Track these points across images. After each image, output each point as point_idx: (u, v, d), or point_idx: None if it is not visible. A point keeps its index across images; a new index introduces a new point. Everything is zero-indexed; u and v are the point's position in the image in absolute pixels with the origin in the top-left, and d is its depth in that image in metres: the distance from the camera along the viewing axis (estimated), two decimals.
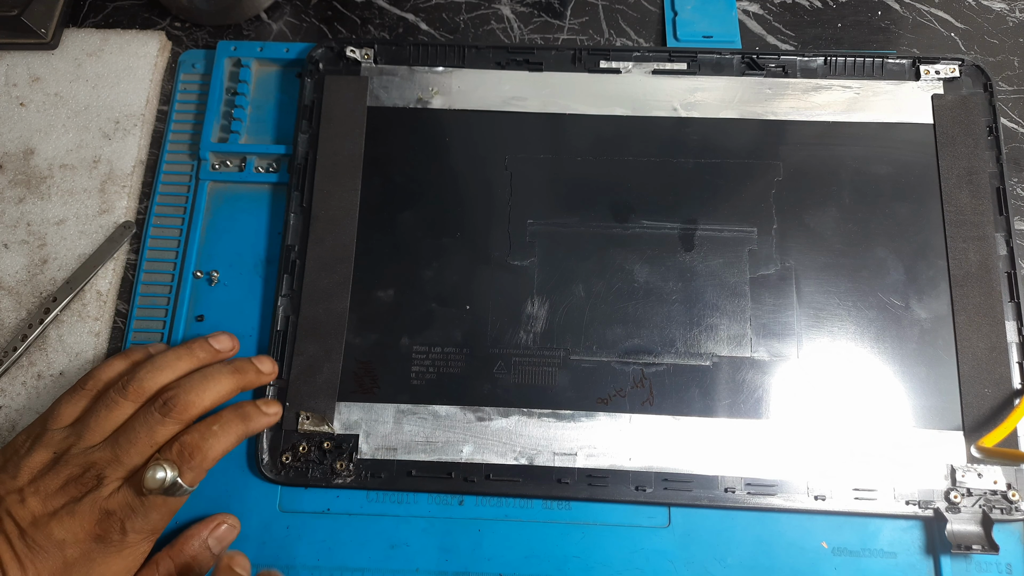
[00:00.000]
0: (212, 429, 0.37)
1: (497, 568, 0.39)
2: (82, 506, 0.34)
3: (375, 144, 0.45)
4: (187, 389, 0.37)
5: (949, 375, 0.41)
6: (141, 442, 0.35)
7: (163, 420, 0.36)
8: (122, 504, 0.34)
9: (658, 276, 0.43)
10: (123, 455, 0.35)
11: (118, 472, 0.35)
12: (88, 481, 0.34)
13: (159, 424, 0.36)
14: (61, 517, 0.33)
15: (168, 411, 0.36)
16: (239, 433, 0.38)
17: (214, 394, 0.37)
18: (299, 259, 0.43)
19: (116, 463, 0.35)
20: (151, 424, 0.36)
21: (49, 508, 0.34)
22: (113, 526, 0.34)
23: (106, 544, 0.34)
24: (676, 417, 0.40)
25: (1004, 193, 0.44)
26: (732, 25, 0.50)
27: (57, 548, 0.33)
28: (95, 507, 0.34)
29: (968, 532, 0.38)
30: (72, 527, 0.33)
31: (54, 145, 0.48)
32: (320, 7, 0.52)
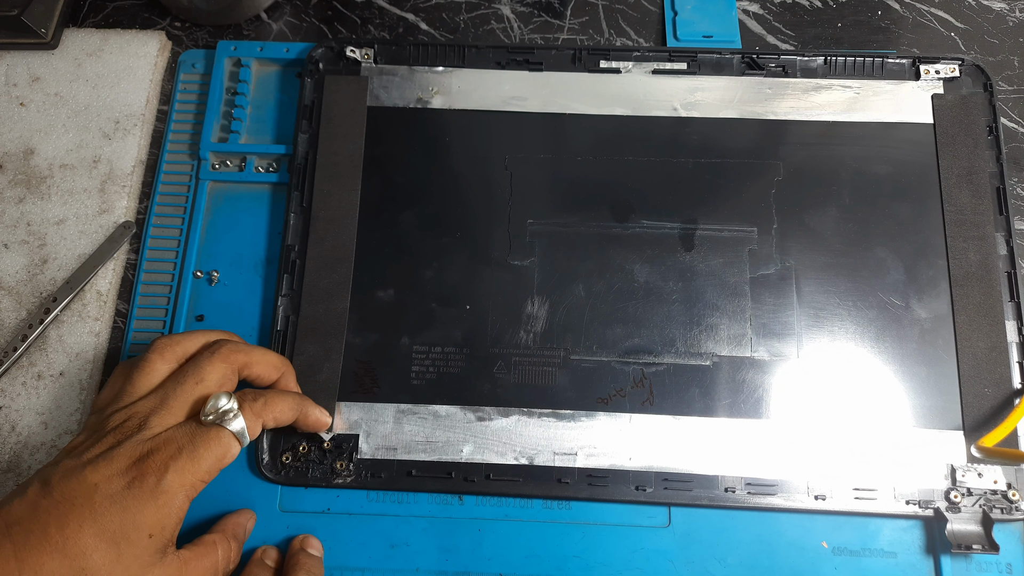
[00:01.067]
0: (275, 391, 0.37)
1: (497, 568, 0.39)
2: (121, 449, 0.31)
3: (375, 144, 0.45)
4: (233, 341, 0.36)
5: (949, 375, 0.41)
6: (188, 380, 0.33)
7: (211, 358, 0.34)
8: (167, 440, 0.31)
9: (658, 276, 0.43)
10: (169, 395, 0.33)
11: (164, 418, 0.32)
12: (129, 428, 0.32)
13: (207, 362, 0.34)
14: (97, 463, 0.30)
15: (215, 351, 0.35)
16: (296, 409, 0.37)
17: (260, 353, 0.37)
18: (299, 259, 0.43)
19: (162, 408, 0.33)
20: (199, 362, 0.34)
21: (84, 459, 0.31)
22: (151, 466, 0.30)
23: (140, 486, 0.30)
24: (676, 417, 0.40)
25: (1004, 193, 0.44)
26: (732, 25, 0.50)
27: (85, 497, 0.30)
28: (135, 449, 0.31)
29: (968, 532, 0.38)
30: (106, 470, 0.30)
31: (54, 145, 0.48)
32: (320, 7, 0.52)
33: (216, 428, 0.32)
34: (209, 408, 0.33)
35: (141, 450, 0.31)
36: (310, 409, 0.38)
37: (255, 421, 0.34)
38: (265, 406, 0.35)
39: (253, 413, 0.34)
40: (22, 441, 0.42)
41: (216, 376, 0.34)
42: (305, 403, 0.38)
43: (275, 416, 0.35)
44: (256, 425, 0.34)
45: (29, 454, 0.41)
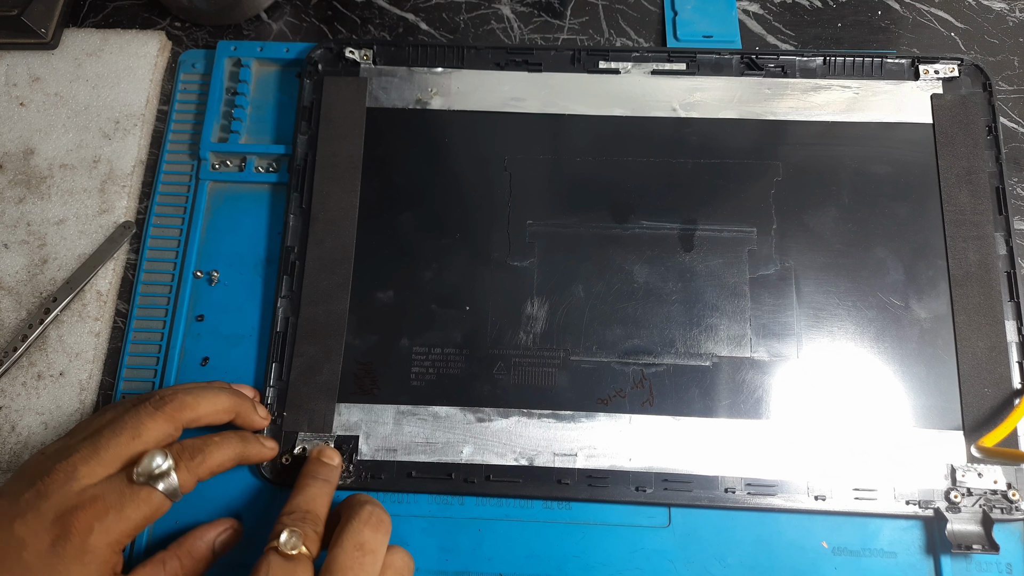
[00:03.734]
0: (213, 439, 0.35)
1: (497, 568, 0.39)
2: (48, 503, 0.30)
3: (374, 145, 0.45)
4: (186, 390, 0.35)
5: (949, 375, 0.41)
6: (125, 432, 0.32)
7: (153, 413, 0.33)
8: (94, 499, 0.30)
9: (658, 276, 0.43)
10: (101, 446, 0.32)
11: (93, 469, 0.31)
12: (58, 477, 0.31)
13: (148, 417, 0.33)
14: (25, 516, 0.30)
15: (162, 405, 0.34)
16: (237, 452, 0.36)
17: (210, 405, 0.36)
18: (299, 260, 0.43)
19: (92, 459, 0.32)
20: (140, 415, 0.33)
21: (16, 508, 0.30)
22: (77, 525, 0.30)
23: (63, 547, 0.30)
24: (676, 417, 0.40)
25: (1004, 193, 0.44)
26: (732, 25, 0.50)
27: (16, 550, 0.29)
28: (60, 503, 0.30)
29: (968, 532, 0.38)
30: (33, 523, 0.30)
31: (54, 145, 0.48)
32: (320, 7, 0.52)
33: (147, 489, 0.32)
34: (142, 469, 0.32)
35: (66, 504, 0.30)
36: (251, 450, 0.37)
37: (190, 479, 0.33)
38: (203, 462, 0.34)
39: (188, 471, 0.33)
40: (22, 441, 0.42)
41: (155, 435, 0.33)
42: (247, 444, 0.37)
43: (212, 468, 0.35)
44: (191, 481, 0.33)
45: (29, 454, 0.41)
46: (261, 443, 0.39)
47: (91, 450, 0.32)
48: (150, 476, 0.32)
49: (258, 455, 0.38)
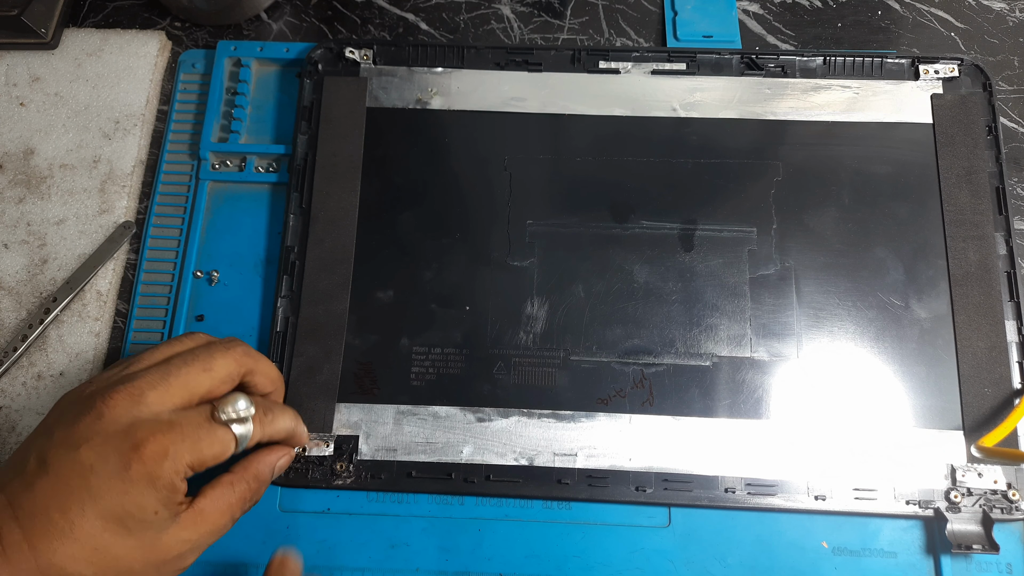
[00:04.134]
0: (282, 406, 0.37)
1: (497, 568, 0.39)
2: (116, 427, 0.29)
3: (374, 145, 0.45)
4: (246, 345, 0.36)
5: (949, 375, 0.41)
6: (198, 364, 0.32)
7: (224, 351, 0.33)
8: (172, 426, 0.30)
9: (658, 276, 0.43)
10: (172, 376, 0.31)
11: (162, 397, 0.31)
12: (121, 399, 0.30)
13: (220, 354, 0.33)
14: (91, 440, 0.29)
15: (232, 346, 0.34)
16: (293, 425, 0.37)
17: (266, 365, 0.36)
18: (299, 260, 0.43)
19: (161, 385, 0.31)
20: (212, 351, 0.33)
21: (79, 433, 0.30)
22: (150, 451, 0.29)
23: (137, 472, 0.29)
24: (676, 417, 0.40)
25: (1004, 193, 0.44)
26: (732, 25, 0.50)
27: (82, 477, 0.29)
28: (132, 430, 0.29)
29: (968, 532, 0.38)
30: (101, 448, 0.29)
31: (54, 145, 0.48)
32: (320, 7, 0.52)
33: (224, 428, 0.32)
34: (229, 408, 0.32)
35: (139, 428, 0.29)
36: (300, 429, 0.38)
37: (259, 432, 0.34)
38: (273, 422, 0.35)
39: (261, 424, 0.34)
40: (22, 441, 0.42)
41: (224, 371, 0.33)
42: (299, 423, 0.38)
43: (277, 430, 0.35)
44: (260, 435, 0.34)
45: None
46: (306, 430, 0.39)
47: (160, 376, 0.31)
48: (235, 418, 0.32)
49: (301, 438, 0.38)
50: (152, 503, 0.29)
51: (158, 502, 0.30)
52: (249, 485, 0.34)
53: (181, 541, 0.31)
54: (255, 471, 0.35)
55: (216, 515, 0.32)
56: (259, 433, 0.34)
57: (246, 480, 0.34)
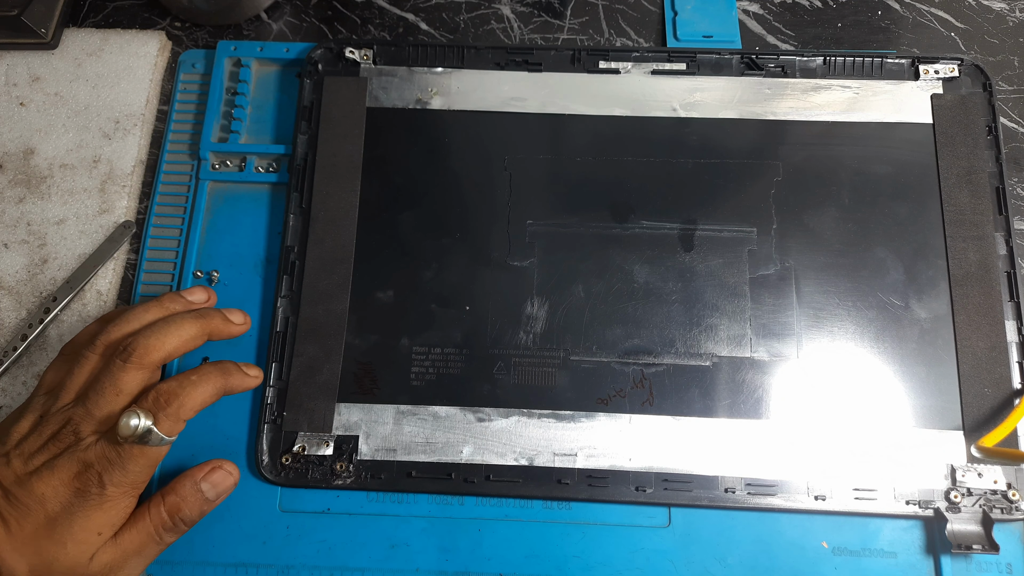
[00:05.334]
0: (191, 379, 0.36)
1: (497, 568, 0.39)
2: (61, 461, 0.33)
3: (374, 145, 0.45)
4: (147, 334, 0.36)
5: (949, 375, 0.41)
6: (107, 392, 0.35)
7: (124, 366, 0.35)
8: (99, 456, 0.34)
9: (658, 276, 0.43)
10: (93, 407, 0.34)
11: (91, 425, 0.34)
12: (66, 437, 0.34)
13: (120, 371, 0.35)
14: (41, 473, 0.33)
15: (128, 356, 0.35)
16: (217, 386, 0.37)
17: (176, 338, 0.37)
18: (298, 260, 0.43)
19: (88, 417, 0.34)
20: (113, 372, 0.35)
21: (31, 467, 0.34)
22: (91, 479, 0.33)
23: (85, 498, 0.33)
24: (676, 417, 0.40)
25: (1004, 193, 0.44)
26: (732, 25, 0.50)
27: (39, 504, 0.33)
28: (73, 461, 0.34)
29: (968, 532, 0.38)
30: (52, 482, 0.33)
31: (54, 145, 0.48)
32: (320, 7, 0.52)
33: (135, 447, 0.34)
34: (123, 433, 0.33)
35: (78, 463, 0.33)
36: (234, 381, 0.38)
37: (173, 425, 0.35)
38: (182, 406, 0.35)
39: (168, 418, 0.35)
40: None
41: (133, 384, 0.35)
42: (228, 376, 0.38)
43: (193, 408, 0.36)
44: (176, 427, 0.35)
45: None
46: (243, 372, 0.39)
47: (85, 413, 0.34)
48: (134, 438, 0.33)
49: (241, 384, 0.39)
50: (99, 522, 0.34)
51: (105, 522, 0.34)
52: (165, 500, 0.36)
53: (103, 564, 0.34)
54: (171, 487, 0.36)
55: (133, 542, 0.35)
56: (173, 425, 0.35)
57: (162, 498, 0.36)
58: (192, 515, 0.36)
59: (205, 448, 0.41)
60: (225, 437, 0.41)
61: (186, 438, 0.41)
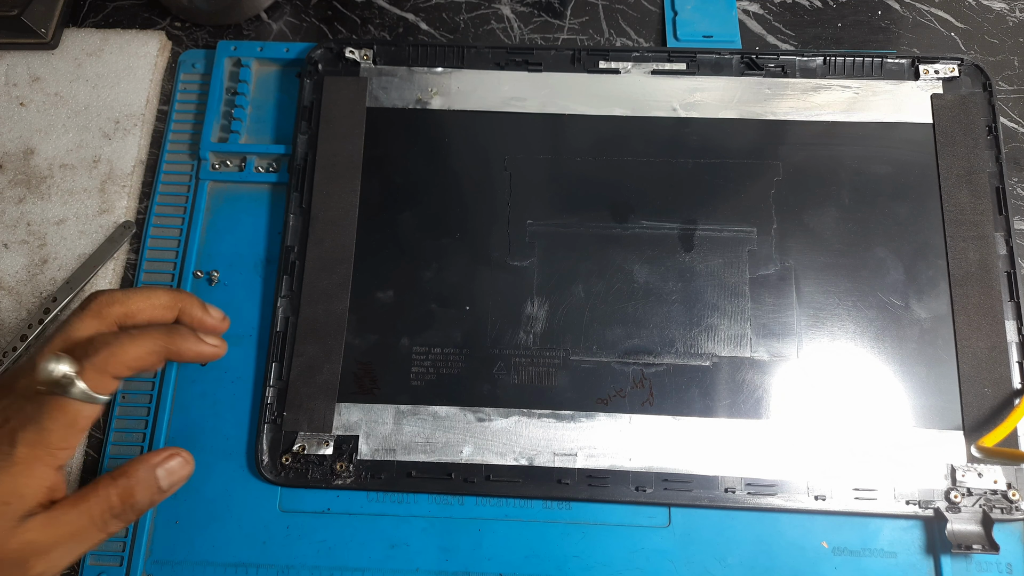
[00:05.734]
0: (129, 332, 0.32)
1: (497, 568, 0.39)
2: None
3: (374, 145, 0.45)
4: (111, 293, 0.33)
5: (949, 375, 0.41)
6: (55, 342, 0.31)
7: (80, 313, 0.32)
8: (18, 411, 0.29)
9: (658, 276, 0.43)
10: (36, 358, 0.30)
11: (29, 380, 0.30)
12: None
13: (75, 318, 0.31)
14: None
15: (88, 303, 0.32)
16: (159, 344, 0.32)
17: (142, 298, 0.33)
18: (298, 260, 0.43)
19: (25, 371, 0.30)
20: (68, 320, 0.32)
21: None
22: (2, 436, 0.29)
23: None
24: (676, 417, 0.40)
25: (1004, 193, 0.44)
26: (732, 25, 0.50)
27: None
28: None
29: (968, 532, 0.38)
30: None
31: (54, 145, 0.48)
32: (320, 7, 0.52)
33: (55, 398, 0.29)
34: (39, 376, 0.28)
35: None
36: (183, 344, 0.33)
37: (101, 379, 0.30)
38: (112, 357, 0.30)
39: (95, 370, 0.30)
40: None
41: (84, 334, 0.31)
42: (176, 337, 0.33)
43: (127, 363, 0.31)
44: (105, 382, 0.30)
45: None
46: (199, 339, 0.34)
47: (29, 361, 0.31)
48: (51, 383, 0.29)
49: (193, 351, 0.34)
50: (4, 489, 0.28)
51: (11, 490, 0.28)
52: (115, 481, 0.31)
53: (25, 543, 0.29)
54: (124, 468, 0.31)
55: (71, 523, 0.30)
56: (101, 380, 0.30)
57: (116, 487, 0.31)
58: (143, 503, 0.32)
59: (205, 448, 0.41)
60: (225, 437, 0.41)
61: (186, 438, 0.41)
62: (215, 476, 0.40)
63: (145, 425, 0.41)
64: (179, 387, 0.42)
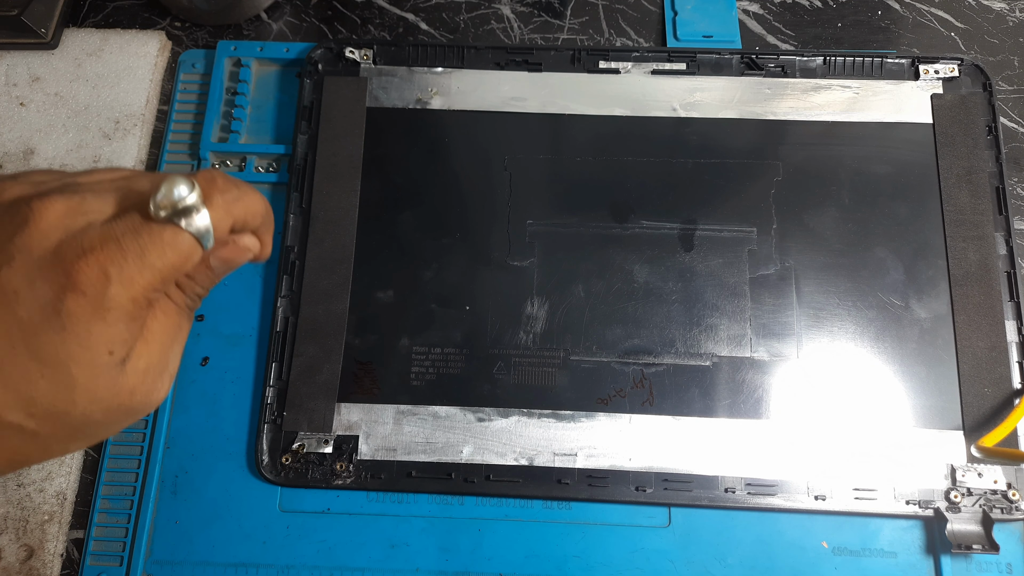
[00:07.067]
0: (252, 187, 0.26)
1: (497, 568, 0.39)
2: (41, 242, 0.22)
3: (374, 145, 0.45)
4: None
5: (949, 375, 0.41)
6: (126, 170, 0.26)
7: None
8: (105, 240, 0.22)
9: (658, 276, 0.43)
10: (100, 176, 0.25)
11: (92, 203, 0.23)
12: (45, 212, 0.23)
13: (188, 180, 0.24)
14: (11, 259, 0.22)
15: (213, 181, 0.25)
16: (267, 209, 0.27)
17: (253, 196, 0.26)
18: (299, 260, 0.43)
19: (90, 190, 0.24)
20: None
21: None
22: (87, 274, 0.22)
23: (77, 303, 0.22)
24: (676, 417, 0.40)
25: (1003, 193, 0.44)
26: (732, 25, 0.50)
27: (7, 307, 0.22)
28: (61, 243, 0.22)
29: (968, 532, 0.38)
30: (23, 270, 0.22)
31: (54, 145, 0.48)
32: (320, 7, 0.52)
33: (171, 228, 0.23)
34: (162, 199, 0.23)
35: (69, 247, 0.22)
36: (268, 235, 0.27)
37: (224, 216, 0.24)
38: (240, 199, 0.25)
39: (224, 208, 0.24)
40: None
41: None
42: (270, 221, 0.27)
43: (249, 209, 0.26)
44: (225, 221, 0.25)
45: None
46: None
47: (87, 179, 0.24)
48: (174, 210, 0.23)
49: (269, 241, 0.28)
50: (103, 339, 0.22)
51: (112, 338, 0.23)
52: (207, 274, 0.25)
53: (140, 373, 0.24)
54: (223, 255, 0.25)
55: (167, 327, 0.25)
56: (224, 217, 0.24)
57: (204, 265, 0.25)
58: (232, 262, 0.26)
59: (205, 448, 0.41)
60: (225, 437, 0.41)
61: (186, 438, 0.41)
62: (215, 476, 0.40)
63: (145, 425, 0.41)
64: (179, 387, 0.42)
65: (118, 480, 0.41)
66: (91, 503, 0.40)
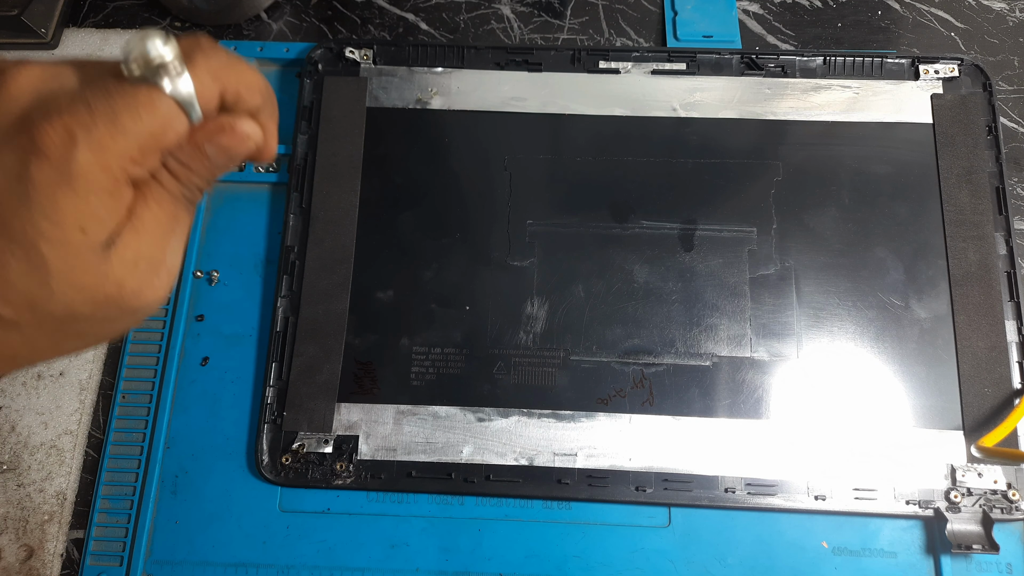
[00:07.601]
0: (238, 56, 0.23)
1: (497, 568, 0.39)
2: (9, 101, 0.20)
3: (374, 145, 0.45)
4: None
5: (949, 375, 0.41)
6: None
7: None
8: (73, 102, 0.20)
9: (658, 276, 0.43)
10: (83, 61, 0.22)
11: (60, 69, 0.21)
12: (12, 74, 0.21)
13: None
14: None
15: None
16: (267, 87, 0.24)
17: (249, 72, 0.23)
18: (298, 260, 0.43)
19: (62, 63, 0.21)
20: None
21: None
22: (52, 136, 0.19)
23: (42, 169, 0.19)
24: (676, 417, 0.40)
25: (1003, 192, 0.44)
26: (732, 25, 0.50)
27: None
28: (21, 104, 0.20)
29: (968, 532, 0.38)
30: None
31: None
32: (320, 7, 0.52)
33: (146, 88, 0.20)
34: (134, 54, 0.20)
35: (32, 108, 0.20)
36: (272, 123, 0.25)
37: (209, 82, 0.21)
38: (228, 67, 0.22)
39: (210, 72, 0.21)
40: (22, 441, 0.42)
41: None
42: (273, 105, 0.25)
43: (241, 80, 0.22)
44: (212, 89, 0.22)
45: (29, 454, 0.41)
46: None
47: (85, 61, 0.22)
48: (148, 67, 0.20)
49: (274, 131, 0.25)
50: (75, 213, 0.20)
51: (85, 213, 0.20)
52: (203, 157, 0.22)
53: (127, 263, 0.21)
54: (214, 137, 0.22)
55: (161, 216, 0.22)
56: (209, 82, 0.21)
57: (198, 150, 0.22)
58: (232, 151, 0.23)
59: (205, 448, 0.41)
60: (225, 437, 0.41)
61: (186, 438, 0.41)
62: (215, 476, 0.40)
63: (145, 425, 0.41)
64: (179, 387, 0.42)
65: (118, 480, 0.41)
66: (91, 503, 0.40)
